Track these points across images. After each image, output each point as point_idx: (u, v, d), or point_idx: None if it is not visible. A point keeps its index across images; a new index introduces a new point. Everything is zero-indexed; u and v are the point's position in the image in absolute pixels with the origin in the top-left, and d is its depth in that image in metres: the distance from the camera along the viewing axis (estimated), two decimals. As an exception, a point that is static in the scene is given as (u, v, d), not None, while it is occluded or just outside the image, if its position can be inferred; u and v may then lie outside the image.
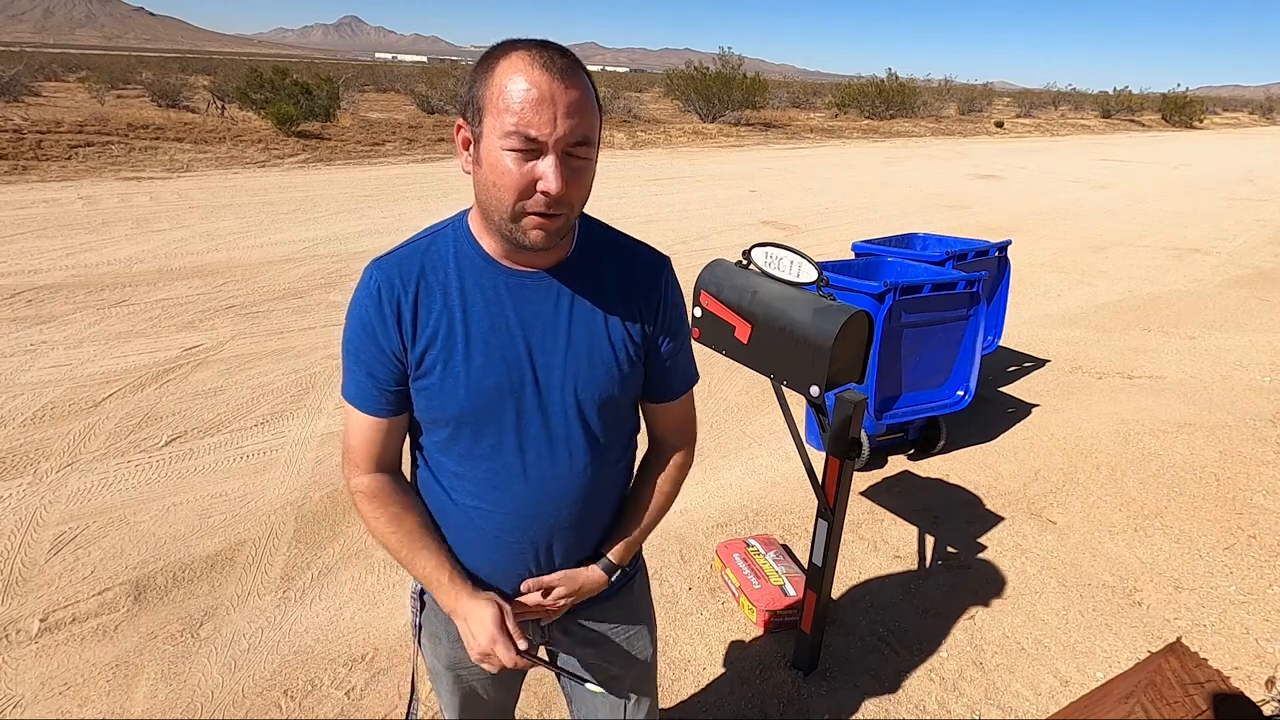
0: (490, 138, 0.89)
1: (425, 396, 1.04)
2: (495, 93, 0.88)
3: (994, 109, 38.80)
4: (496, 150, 0.89)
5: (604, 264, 1.07)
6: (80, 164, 10.55)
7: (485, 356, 1.00)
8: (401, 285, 1.00)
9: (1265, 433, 3.95)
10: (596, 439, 1.08)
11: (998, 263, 4.21)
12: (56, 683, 2.10)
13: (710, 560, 2.74)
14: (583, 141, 0.90)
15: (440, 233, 1.05)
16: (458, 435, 1.05)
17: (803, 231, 8.62)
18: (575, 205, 0.95)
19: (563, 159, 0.89)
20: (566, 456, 1.06)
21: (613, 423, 1.11)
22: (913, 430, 3.66)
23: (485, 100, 0.89)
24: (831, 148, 20.07)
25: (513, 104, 0.86)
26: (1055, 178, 15.22)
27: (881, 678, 2.24)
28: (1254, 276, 7.51)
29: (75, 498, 2.95)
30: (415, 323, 1.00)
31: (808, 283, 1.75)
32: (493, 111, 0.88)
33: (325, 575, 2.59)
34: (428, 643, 1.26)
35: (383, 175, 11.57)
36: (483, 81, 0.90)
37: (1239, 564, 2.84)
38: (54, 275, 5.68)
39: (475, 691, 1.30)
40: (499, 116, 0.88)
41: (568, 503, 1.09)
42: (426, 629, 1.24)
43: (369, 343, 1.02)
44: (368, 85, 31.87)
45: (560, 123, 0.87)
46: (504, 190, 0.90)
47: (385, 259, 1.03)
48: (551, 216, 0.92)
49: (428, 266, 1.01)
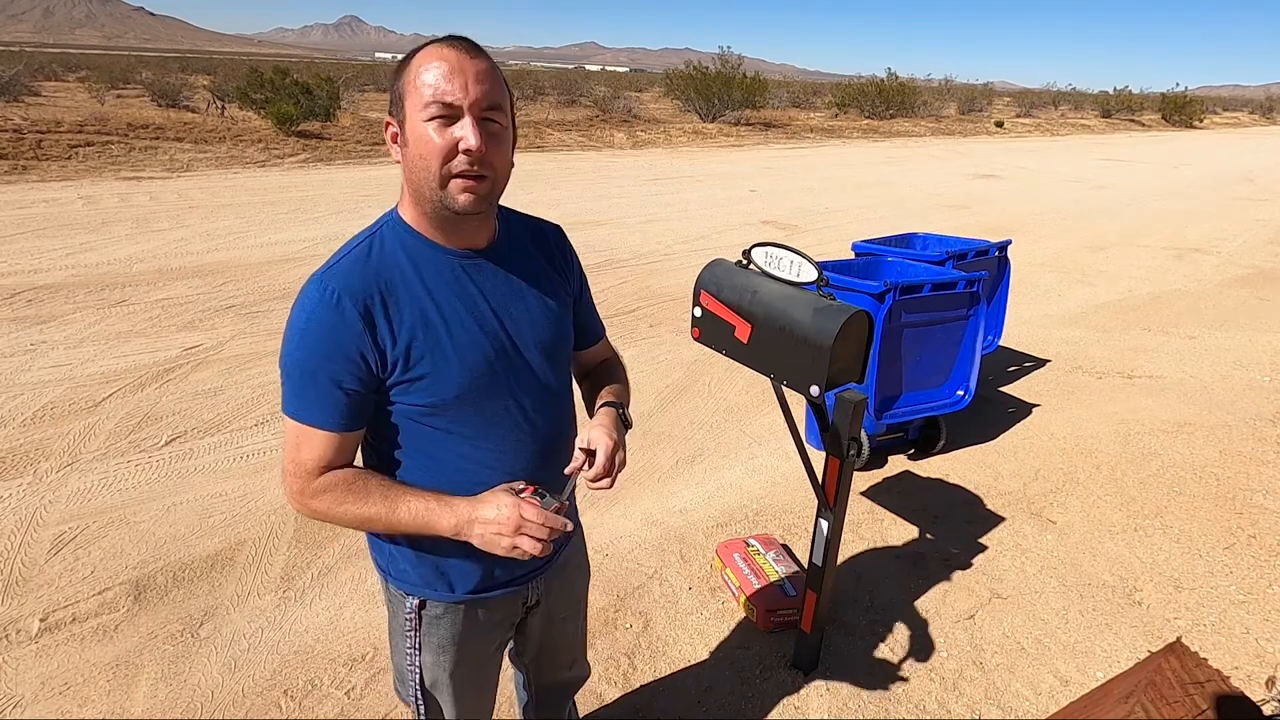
0: (412, 116, 0.98)
1: (420, 387, 1.06)
2: (412, 78, 0.98)
3: (994, 109, 38.79)
4: (419, 125, 0.98)
5: (523, 238, 1.20)
6: (80, 164, 10.55)
7: (468, 334, 1.07)
8: (364, 290, 1.02)
9: (1265, 433, 3.95)
10: (565, 379, 1.25)
11: (998, 262, 4.21)
12: (56, 683, 2.10)
13: (710, 560, 2.74)
14: (495, 106, 0.99)
15: (375, 235, 1.09)
16: (461, 414, 1.10)
17: (803, 231, 8.62)
18: (498, 170, 1.02)
19: (480, 122, 0.98)
20: (552, 399, 1.20)
21: (567, 364, 1.27)
22: (913, 430, 3.66)
23: (405, 88, 0.99)
24: (831, 148, 20.07)
25: (428, 80, 0.96)
26: (1055, 177, 15.22)
27: (881, 678, 2.24)
28: (1254, 276, 7.51)
29: (75, 498, 2.95)
30: (390, 323, 1.03)
31: (808, 282, 1.75)
32: (411, 94, 0.98)
33: (325, 575, 2.59)
34: (428, 658, 1.26)
35: (383, 175, 11.57)
36: (401, 75, 1.00)
37: (1239, 564, 2.84)
38: (54, 275, 5.68)
39: (477, 688, 1.35)
40: (417, 94, 0.97)
41: (564, 438, 1.23)
42: (428, 645, 1.25)
43: (336, 354, 1.01)
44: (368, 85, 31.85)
45: (472, 88, 0.97)
46: (429, 158, 0.98)
47: (334, 270, 1.04)
48: (478, 179, 1.00)
49: (382, 267, 1.05)
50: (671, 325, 5.26)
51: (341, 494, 1.05)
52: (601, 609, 2.47)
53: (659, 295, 5.94)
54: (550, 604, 1.39)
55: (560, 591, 1.41)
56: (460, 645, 1.25)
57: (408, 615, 1.22)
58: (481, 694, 1.39)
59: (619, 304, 5.64)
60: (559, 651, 1.52)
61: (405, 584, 1.22)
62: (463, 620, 1.24)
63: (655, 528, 2.95)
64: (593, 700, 2.10)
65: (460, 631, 1.24)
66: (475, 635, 1.27)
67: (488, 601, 1.24)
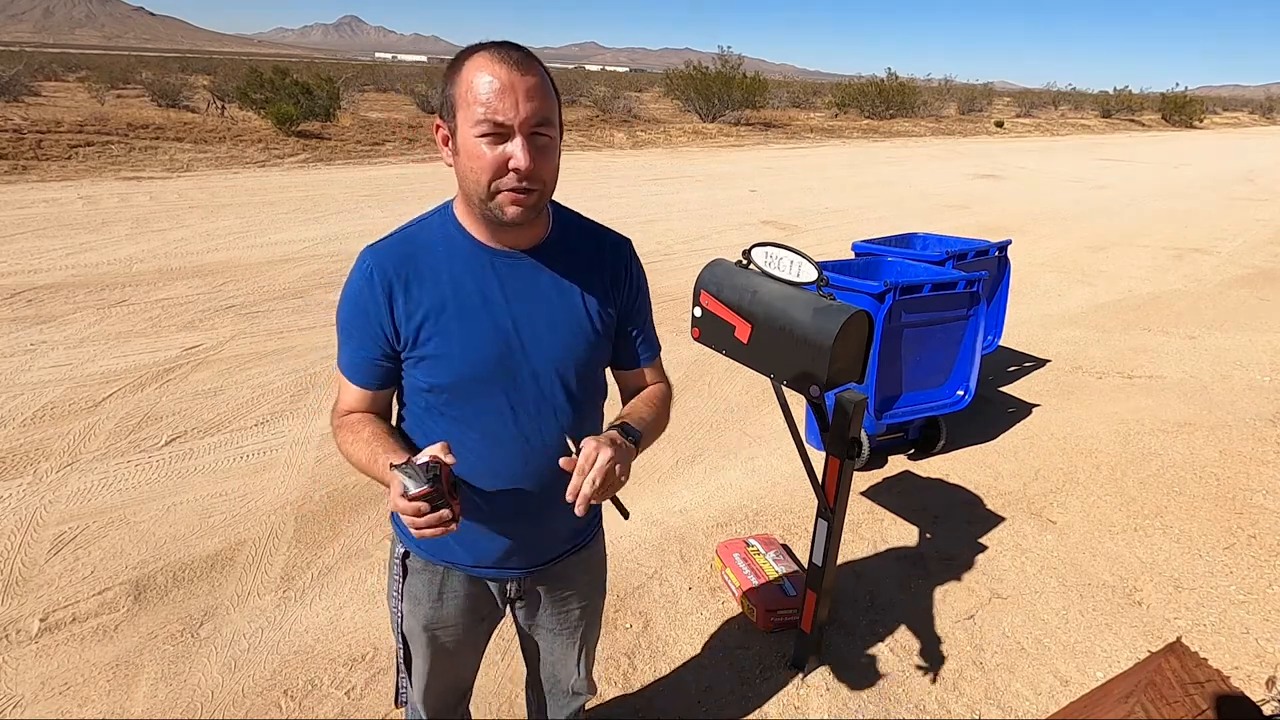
0: (464, 129, 1.01)
1: (423, 367, 1.13)
2: (464, 89, 1.00)
3: (994, 109, 38.78)
4: (471, 139, 1.00)
5: (576, 245, 1.20)
6: (80, 164, 10.55)
7: (478, 328, 1.11)
8: (394, 268, 1.10)
9: (1265, 433, 3.95)
10: (576, 400, 1.20)
11: (998, 262, 4.21)
12: (56, 683, 2.10)
13: (710, 560, 2.74)
14: (544, 121, 1.01)
15: (427, 220, 1.16)
16: (454, 400, 1.14)
17: (803, 231, 8.62)
18: (546, 181, 1.05)
19: (529, 139, 1.00)
20: (552, 415, 1.17)
21: (589, 385, 1.23)
22: (913, 430, 3.66)
23: (456, 98, 1.02)
24: (831, 147, 20.07)
25: (480, 96, 0.98)
26: (1055, 177, 15.22)
27: (882, 678, 2.24)
28: (1254, 276, 7.51)
29: (75, 498, 2.95)
30: (408, 302, 1.10)
31: (808, 282, 1.75)
32: (463, 106, 1.00)
33: (325, 575, 2.59)
34: (408, 605, 1.33)
35: (383, 175, 11.57)
36: (452, 82, 1.03)
37: (1239, 564, 2.84)
38: (54, 275, 5.68)
39: (446, 650, 1.37)
40: (469, 109, 1.00)
41: (555, 450, 1.16)
42: (409, 593, 1.32)
43: (361, 321, 1.12)
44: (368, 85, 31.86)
45: (523, 106, 0.99)
46: (480, 173, 1.01)
47: (378, 245, 1.13)
48: (526, 192, 1.03)
49: (418, 250, 1.12)
50: (671, 325, 5.25)
51: (348, 433, 1.15)
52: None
53: (659, 295, 5.91)
54: (540, 611, 1.40)
55: (551, 603, 1.39)
56: (435, 605, 1.31)
57: (395, 560, 1.33)
58: (453, 661, 1.41)
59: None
60: (558, 664, 1.49)
61: (398, 530, 1.31)
62: (440, 583, 1.30)
63: (655, 528, 2.95)
64: (593, 700, 2.10)
65: (436, 592, 1.31)
66: (450, 603, 1.32)
67: (460, 576, 1.30)
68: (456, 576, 1.30)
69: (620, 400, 1.34)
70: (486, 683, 2.12)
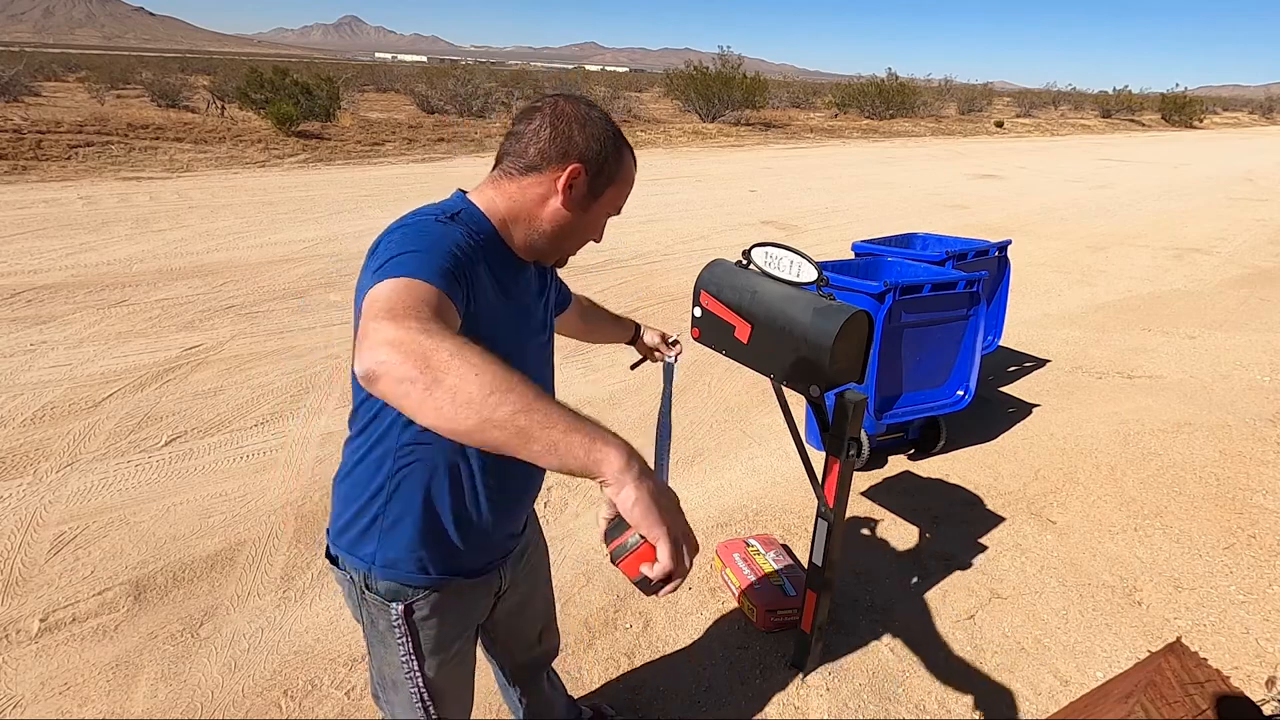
0: (605, 204, 1.19)
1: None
2: (625, 173, 1.19)
3: (994, 109, 38.77)
4: (603, 215, 1.20)
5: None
6: (80, 164, 10.55)
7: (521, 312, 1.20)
8: (471, 248, 1.03)
9: (1265, 433, 3.95)
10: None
11: (998, 262, 4.21)
12: (56, 683, 2.10)
13: (710, 560, 2.74)
14: None
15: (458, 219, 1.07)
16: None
17: (803, 231, 8.62)
18: None
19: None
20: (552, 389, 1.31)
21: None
22: (913, 430, 3.66)
23: (617, 176, 1.18)
24: (831, 147, 20.07)
25: (628, 188, 1.22)
26: (1055, 177, 15.22)
27: (881, 678, 2.24)
28: (1254, 276, 7.51)
29: (75, 498, 2.95)
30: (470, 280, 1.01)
31: (808, 282, 1.75)
32: (616, 185, 1.18)
33: (325, 575, 2.59)
34: (430, 662, 1.25)
35: (383, 175, 11.57)
36: (616, 162, 1.17)
37: (1239, 564, 2.84)
38: (54, 275, 5.68)
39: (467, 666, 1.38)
40: (620, 191, 1.20)
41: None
42: (424, 650, 1.23)
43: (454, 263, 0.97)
44: (368, 85, 31.87)
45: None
46: (579, 238, 1.20)
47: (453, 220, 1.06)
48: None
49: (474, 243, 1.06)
50: (671, 325, 5.26)
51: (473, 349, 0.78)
52: (601, 609, 2.47)
53: (659, 295, 5.94)
54: (518, 589, 1.46)
55: (524, 576, 1.48)
56: (451, 641, 1.28)
57: (394, 623, 1.20)
58: (469, 687, 1.42)
59: (619, 304, 5.63)
60: (525, 629, 1.59)
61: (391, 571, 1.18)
62: (448, 613, 1.24)
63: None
64: (579, 692, 2.10)
65: (448, 626, 1.26)
66: (458, 627, 1.29)
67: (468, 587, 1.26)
68: (464, 590, 1.26)
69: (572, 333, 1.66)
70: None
